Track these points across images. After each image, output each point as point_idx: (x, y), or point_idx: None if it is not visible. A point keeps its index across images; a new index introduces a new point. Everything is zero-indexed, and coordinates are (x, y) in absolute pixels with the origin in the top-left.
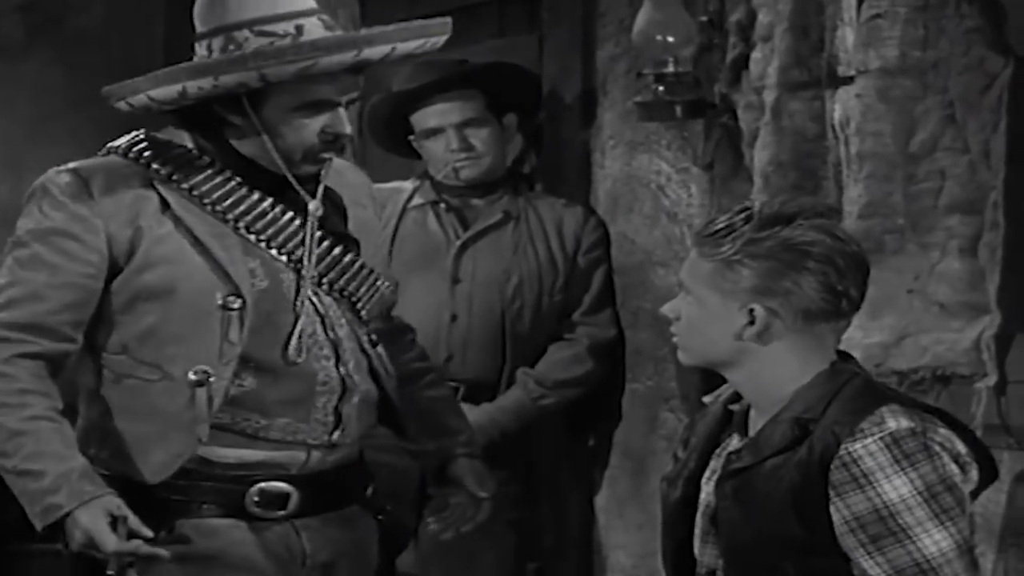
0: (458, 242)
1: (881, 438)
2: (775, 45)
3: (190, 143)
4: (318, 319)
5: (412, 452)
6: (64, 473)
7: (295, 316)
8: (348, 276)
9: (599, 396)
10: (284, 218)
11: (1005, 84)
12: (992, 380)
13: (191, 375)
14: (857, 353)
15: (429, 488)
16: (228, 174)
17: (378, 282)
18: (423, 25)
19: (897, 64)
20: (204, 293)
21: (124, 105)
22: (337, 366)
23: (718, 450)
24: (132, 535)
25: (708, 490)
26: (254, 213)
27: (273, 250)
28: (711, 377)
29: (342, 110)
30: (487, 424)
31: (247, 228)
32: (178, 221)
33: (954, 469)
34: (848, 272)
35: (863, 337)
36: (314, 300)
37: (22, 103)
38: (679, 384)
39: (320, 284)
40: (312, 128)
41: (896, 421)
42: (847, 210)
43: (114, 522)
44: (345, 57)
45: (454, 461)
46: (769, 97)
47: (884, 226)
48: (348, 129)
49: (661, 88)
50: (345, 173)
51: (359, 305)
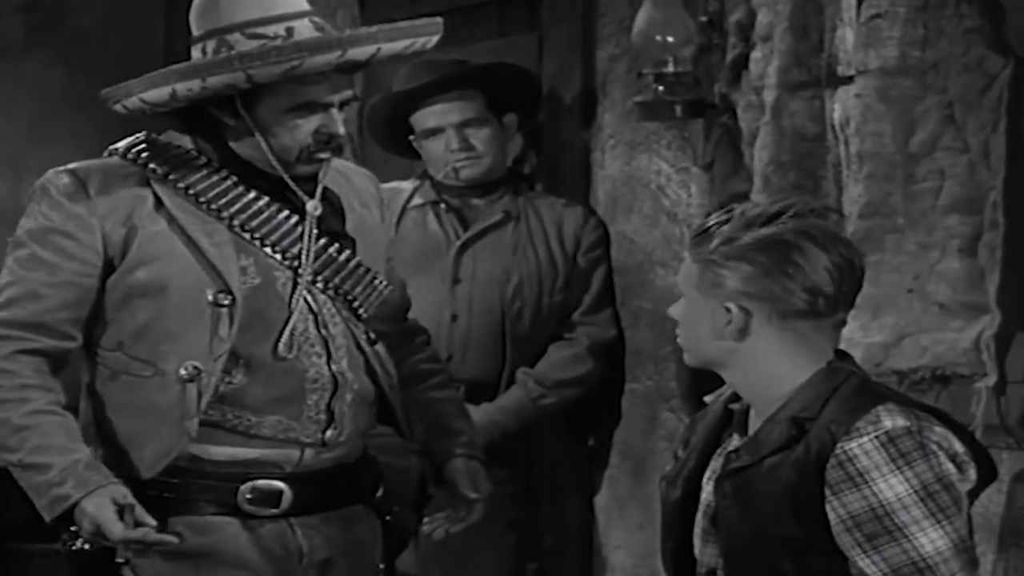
0: (458, 242)
1: (877, 437)
2: (775, 45)
3: (190, 145)
4: (311, 317)
5: (415, 452)
6: (70, 464)
7: (288, 313)
8: (344, 275)
9: (599, 396)
10: (280, 217)
11: (1004, 84)
12: (992, 380)
13: (182, 371)
14: (857, 353)
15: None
16: (225, 174)
17: (376, 281)
18: (412, 25)
19: (897, 64)
20: (195, 290)
21: (121, 108)
22: (329, 363)
23: (719, 450)
24: (138, 524)
25: (709, 490)
26: (249, 212)
27: (268, 248)
28: (710, 377)
29: (335, 111)
30: (487, 424)
31: (242, 226)
32: (171, 219)
33: (951, 468)
34: (824, 271)
35: (863, 337)
36: (308, 298)
37: (22, 103)
38: (679, 384)
39: (315, 282)
40: (306, 129)
41: (892, 420)
42: (847, 210)
43: (121, 511)
44: (330, 57)
45: (450, 461)
46: (769, 97)
47: (884, 226)
48: (342, 130)
49: (661, 88)
50: (353, 177)
51: (356, 304)
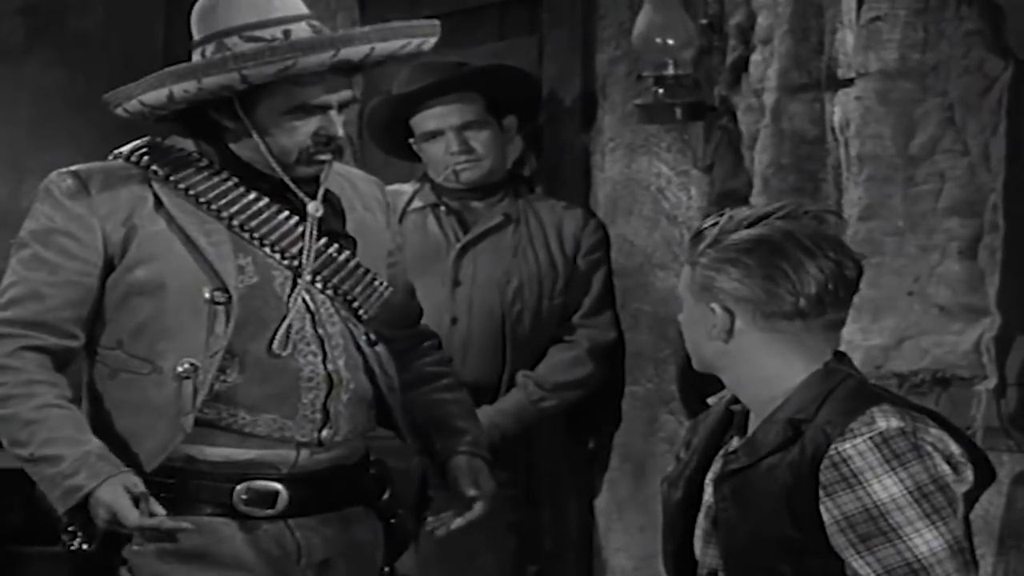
0: (458, 245)
1: (871, 438)
2: (775, 48)
3: (193, 148)
4: (308, 316)
5: (415, 453)
6: (81, 455)
7: (285, 312)
8: (343, 275)
9: (599, 398)
10: (280, 217)
11: (1005, 86)
12: (992, 382)
13: (178, 367)
14: (857, 355)
15: (430, 490)
16: (226, 175)
17: (375, 282)
18: (407, 25)
19: (897, 67)
20: (192, 288)
21: (122, 111)
22: (324, 362)
23: (720, 452)
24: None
25: (710, 491)
26: (249, 212)
27: (267, 248)
28: (709, 380)
29: (334, 113)
30: (487, 427)
31: (241, 226)
32: (171, 219)
33: (946, 469)
34: (808, 273)
35: (863, 339)
36: (306, 297)
37: (23, 105)
38: (679, 387)
39: (314, 282)
40: (304, 131)
41: (886, 421)
42: (847, 213)
43: (135, 499)
44: (323, 57)
45: (453, 458)
46: (769, 99)
47: (884, 228)
48: (340, 132)
49: (661, 91)
50: (358, 183)
51: (355, 304)
